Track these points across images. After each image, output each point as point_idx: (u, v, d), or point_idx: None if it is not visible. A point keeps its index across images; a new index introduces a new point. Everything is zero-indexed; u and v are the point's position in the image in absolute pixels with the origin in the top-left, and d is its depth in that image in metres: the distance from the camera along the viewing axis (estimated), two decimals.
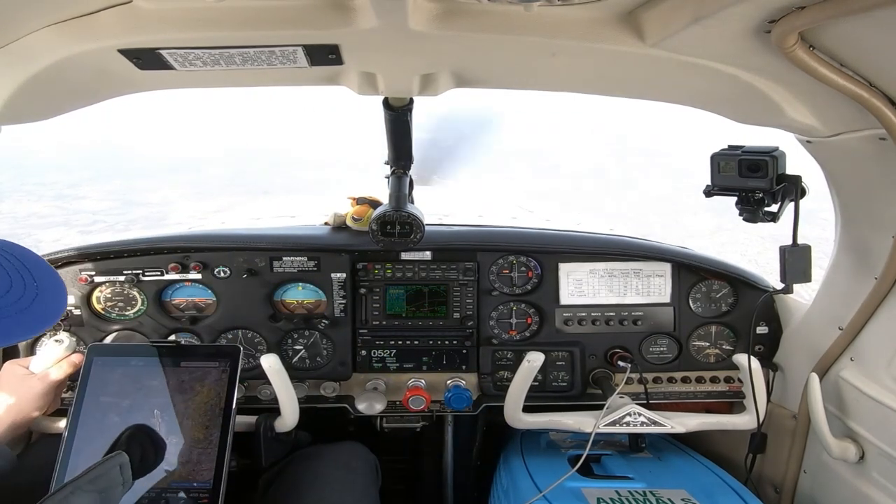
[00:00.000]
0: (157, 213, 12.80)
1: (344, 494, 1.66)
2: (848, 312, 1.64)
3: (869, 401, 1.58)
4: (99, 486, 0.98)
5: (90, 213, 12.90)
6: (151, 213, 12.77)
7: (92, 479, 0.97)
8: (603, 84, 1.48)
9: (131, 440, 1.10)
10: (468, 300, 2.09)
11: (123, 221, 12.10)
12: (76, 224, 11.99)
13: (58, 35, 1.09)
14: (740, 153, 1.55)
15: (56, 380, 1.70)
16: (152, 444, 1.11)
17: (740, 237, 10.06)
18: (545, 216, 3.19)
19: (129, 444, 1.09)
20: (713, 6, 0.92)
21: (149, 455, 1.11)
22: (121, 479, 1.03)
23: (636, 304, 2.09)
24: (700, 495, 1.75)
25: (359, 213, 2.04)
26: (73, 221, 12.23)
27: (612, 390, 1.94)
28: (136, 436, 1.10)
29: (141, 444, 1.10)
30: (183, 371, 1.59)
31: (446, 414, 2.24)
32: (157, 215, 12.50)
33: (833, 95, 1.14)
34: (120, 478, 1.03)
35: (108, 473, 1.01)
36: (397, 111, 1.61)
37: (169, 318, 2.04)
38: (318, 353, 2.09)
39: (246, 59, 1.20)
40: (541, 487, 1.78)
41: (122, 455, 1.06)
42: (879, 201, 1.44)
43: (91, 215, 12.75)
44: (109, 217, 12.54)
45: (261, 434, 1.78)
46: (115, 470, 1.03)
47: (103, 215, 12.72)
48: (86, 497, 0.94)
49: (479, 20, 1.06)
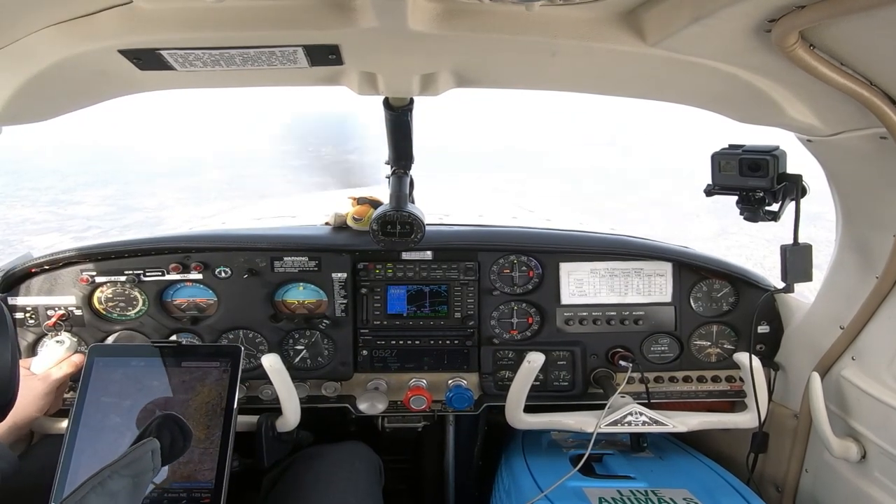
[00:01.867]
0: (153, 218, 12.78)
1: (347, 495, 1.66)
2: (849, 311, 1.64)
3: (870, 400, 1.57)
4: (133, 470, 1.01)
5: (85, 219, 12.87)
6: (147, 219, 12.75)
7: (127, 464, 1.01)
8: (603, 84, 1.48)
9: (161, 427, 1.13)
10: (469, 300, 2.09)
11: (118, 227, 12.07)
12: (70, 230, 11.95)
13: (58, 35, 1.09)
14: (741, 152, 1.55)
15: (57, 380, 1.70)
16: (181, 431, 1.14)
17: (745, 240, 9.98)
18: (546, 216, 3.19)
19: (160, 431, 1.12)
20: (713, 5, 0.92)
21: (177, 442, 1.14)
22: (152, 465, 1.06)
23: (637, 304, 2.09)
24: (702, 495, 1.75)
25: (359, 212, 2.04)
26: (66, 227, 12.19)
27: (613, 390, 1.94)
28: (166, 423, 1.13)
29: (171, 431, 1.13)
30: (184, 371, 1.59)
31: (448, 414, 2.24)
32: (153, 220, 12.49)
33: (833, 94, 1.13)
34: (151, 463, 1.06)
35: (142, 459, 1.05)
36: (397, 111, 1.61)
37: (170, 319, 2.04)
38: (320, 353, 2.09)
39: (246, 60, 1.20)
40: (542, 487, 1.78)
41: (154, 441, 1.09)
42: (880, 200, 1.44)
43: (86, 221, 12.72)
44: (104, 223, 12.52)
45: (262, 434, 1.78)
46: (148, 456, 1.07)
47: (98, 220, 12.68)
48: (121, 481, 0.98)
49: (479, 20, 1.06)
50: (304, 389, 2.04)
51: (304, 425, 1.88)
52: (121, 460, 1.00)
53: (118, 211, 13.63)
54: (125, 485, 0.97)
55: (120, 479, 0.97)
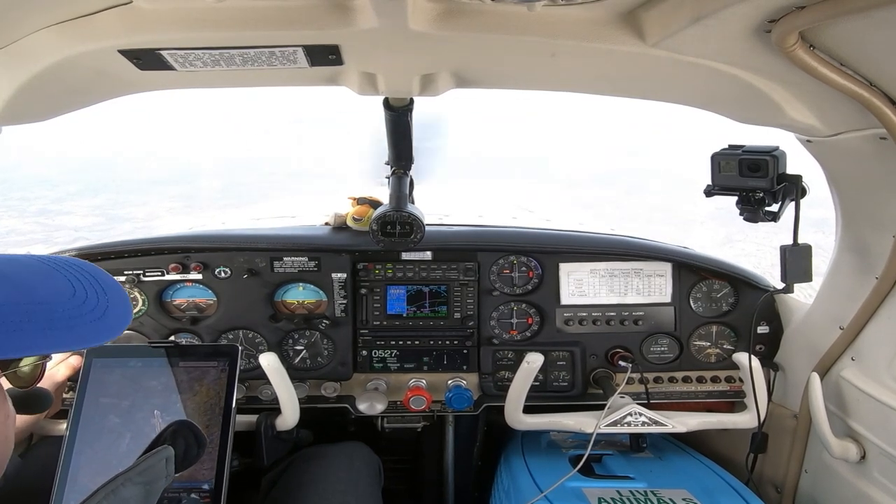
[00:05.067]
0: (142, 228, 12.70)
1: (346, 495, 1.66)
2: (849, 312, 1.64)
3: (870, 400, 1.57)
4: (146, 478, 1.01)
5: (72, 230, 12.78)
6: (136, 229, 12.67)
7: (140, 472, 1.01)
8: (603, 84, 1.48)
9: (176, 435, 1.12)
10: (469, 300, 2.09)
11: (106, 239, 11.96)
12: (57, 242, 11.81)
13: (58, 35, 1.09)
14: (741, 153, 1.55)
15: (56, 382, 1.70)
16: (195, 439, 1.14)
17: (751, 248, 9.87)
18: (545, 216, 3.19)
19: (174, 438, 1.12)
20: (713, 6, 0.92)
21: (192, 450, 1.14)
22: (165, 472, 1.06)
23: (637, 304, 2.09)
24: (701, 495, 1.75)
25: (359, 213, 2.04)
26: (53, 238, 12.13)
27: (612, 390, 1.94)
28: (181, 431, 1.13)
29: (185, 438, 1.13)
30: (182, 371, 1.59)
31: (447, 414, 2.24)
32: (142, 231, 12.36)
33: (833, 95, 1.13)
34: (164, 471, 1.06)
35: (155, 466, 1.05)
36: (397, 111, 1.61)
37: (169, 319, 2.04)
38: (319, 354, 2.09)
39: (246, 60, 1.20)
40: (542, 487, 1.78)
41: (169, 449, 1.09)
42: (880, 201, 1.44)
43: (73, 232, 12.62)
44: (92, 233, 12.42)
45: (262, 433, 1.79)
46: (161, 463, 1.07)
47: (86, 231, 12.59)
48: (134, 489, 0.98)
49: (479, 20, 1.06)
50: (304, 390, 2.03)
51: (303, 425, 1.88)
52: (134, 468, 1.00)
53: (107, 221, 13.54)
54: (137, 492, 0.98)
55: (132, 487, 0.97)
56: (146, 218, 13.73)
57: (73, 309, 0.84)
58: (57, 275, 0.88)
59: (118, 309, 0.91)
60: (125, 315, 0.94)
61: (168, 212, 14.16)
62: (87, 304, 0.86)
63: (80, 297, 0.87)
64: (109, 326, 0.88)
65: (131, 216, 13.96)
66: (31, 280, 0.85)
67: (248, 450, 1.79)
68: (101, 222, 13.51)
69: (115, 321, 0.89)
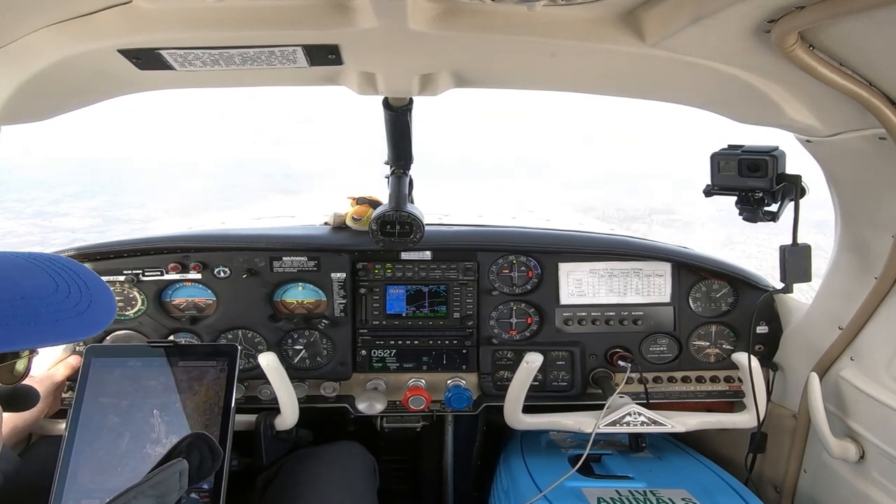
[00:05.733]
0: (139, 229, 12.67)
1: (342, 495, 1.66)
2: (848, 312, 1.64)
3: (869, 400, 1.58)
4: (159, 491, 1.01)
5: (69, 232, 12.74)
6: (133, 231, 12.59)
7: (153, 485, 1.01)
8: (603, 84, 1.48)
9: (191, 448, 1.11)
10: (468, 300, 2.09)
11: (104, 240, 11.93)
12: (53, 244, 11.72)
13: (58, 35, 1.09)
14: (740, 153, 1.55)
15: (55, 382, 1.70)
16: (210, 452, 1.13)
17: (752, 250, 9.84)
18: (545, 216, 3.19)
19: (189, 451, 1.11)
20: (713, 6, 0.92)
21: (206, 463, 1.13)
22: (178, 486, 1.06)
23: (636, 304, 2.09)
24: (700, 495, 1.75)
25: (359, 212, 2.04)
26: (49, 241, 12.10)
27: (612, 390, 1.94)
28: (196, 443, 1.12)
29: (200, 451, 1.12)
30: (181, 370, 1.59)
31: (446, 414, 2.24)
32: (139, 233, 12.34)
33: (833, 95, 1.14)
34: (178, 484, 1.06)
35: (168, 480, 1.04)
36: (397, 111, 1.61)
37: (169, 318, 2.04)
38: (319, 353, 2.09)
39: (246, 60, 1.20)
40: (541, 487, 1.78)
41: (183, 462, 1.08)
42: (879, 201, 1.44)
43: (70, 233, 12.59)
44: (89, 235, 12.37)
45: (261, 433, 1.79)
46: (175, 477, 1.06)
47: (83, 233, 12.56)
48: (146, 501, 0.98)
49: (479, 20, 1.06)
50: (303, 389, 2.03)
51: (302, 425, 1.88)
52: (147, 480, 1.00)
53: (104, 223, 13.52)
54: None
55: (145, 500, 0.97)
56: (143, 220, 13.73)
57: (58, 304, 0.85)
58: (38, 271, 0.89)
59: (102, 303, 0.92)
60: (110, 309, 0.95)
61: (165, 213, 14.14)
62: (71, 299, 0.87)
63: (62, 291, 0.87)
64: (95, 320, 0.89)
65: (128, 217, 13.95)
66: (14, 276, 0.86)
67: (247, 449, 1.79)
68: (99, 223, 13.49)
69: (100, 315, 0.90)
